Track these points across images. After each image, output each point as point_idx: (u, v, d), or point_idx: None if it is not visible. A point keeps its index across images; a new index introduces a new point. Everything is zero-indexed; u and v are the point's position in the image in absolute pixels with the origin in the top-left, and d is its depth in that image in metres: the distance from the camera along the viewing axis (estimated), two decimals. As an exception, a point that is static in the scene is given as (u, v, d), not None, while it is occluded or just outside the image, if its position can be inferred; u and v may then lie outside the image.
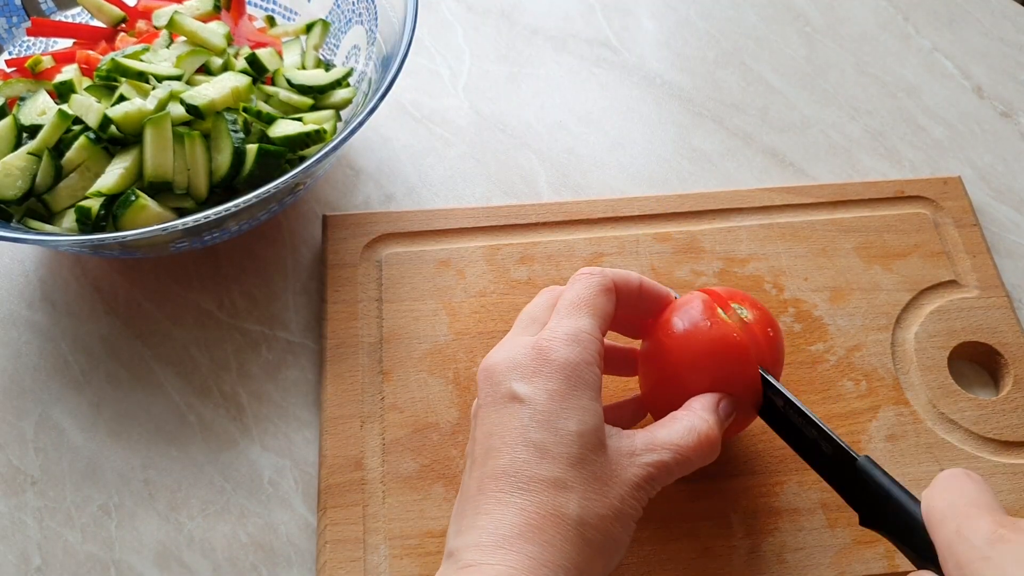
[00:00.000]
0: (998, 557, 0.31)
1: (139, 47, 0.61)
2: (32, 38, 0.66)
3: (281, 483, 0.52)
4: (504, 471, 0.38)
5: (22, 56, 0.65)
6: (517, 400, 0.39)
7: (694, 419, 0.41)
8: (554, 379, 0.39)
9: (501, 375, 0.40)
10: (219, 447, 0.54)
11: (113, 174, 0.54)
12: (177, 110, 0.56)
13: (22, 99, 0.59)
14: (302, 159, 0.57)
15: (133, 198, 0.53)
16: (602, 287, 0.43)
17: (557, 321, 0.42)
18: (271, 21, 0.69)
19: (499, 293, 0.58)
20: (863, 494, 0.40)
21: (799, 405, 0.43)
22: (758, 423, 0.47)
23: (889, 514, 0.38)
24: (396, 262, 0.59)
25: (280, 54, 0.64)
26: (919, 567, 0.37)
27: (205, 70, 0.60)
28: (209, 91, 0.56)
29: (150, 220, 0.53)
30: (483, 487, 0.38)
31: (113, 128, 0.55)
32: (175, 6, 0.64)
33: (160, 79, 0.58)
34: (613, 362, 0.49)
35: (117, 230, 0.53)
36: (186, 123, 0.56)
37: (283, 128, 0.57)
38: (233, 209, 0.50)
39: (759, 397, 0.44)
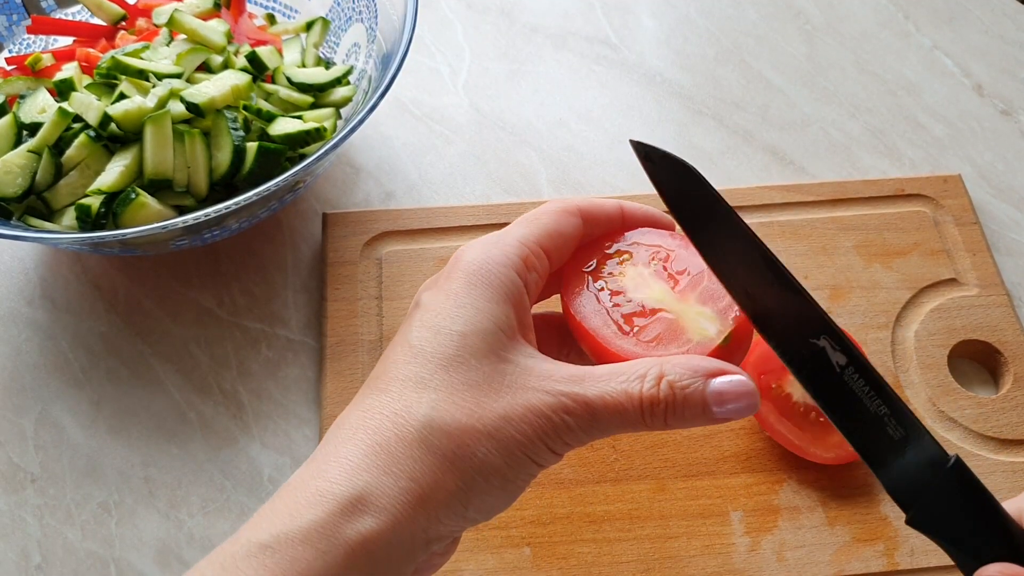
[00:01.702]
0: None
1: (139, 45, 0.61)
2: (32, 36, 0.66)
3: (281, 480, 0.52)
4: (373, 376, 0.34)
5: (22, 54, 0.65)
6: (417, 307, 0.35)
7: (636, 383, 0.33)
8: (455, 280, 0.34)
9: (420, 289, 0.36)
10: (219, 444, 0.54)
11: (113, 172, 0.54)
12: (177, 108, 0.56)
13: (22, 97, 0.59)
14: (302, 157, 0.57)
15: (133, 196, 0.53)
16: (560, 208, 0.37)
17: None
18: (271, 19, 0.68)
19: (499, 291, 0.58)
20: (941, 496, 0.33)
21: (873, 372, 0.34)
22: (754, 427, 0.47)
23: (970, 520, 0.33)
24: (396, 260, 0.59)
25: (280, 52, 0.64)
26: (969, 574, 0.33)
27: (205, 68, 0.60)
28: (209, 89, 0.56)
29: (150, 218, 0.53)
30: (356, 401, 0.34)
31: (113, 126, 0.55)
32: (175, 4, 0.64)
33: (160, 77, 0.58)
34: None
35: (117, 228, 0.53)
36: (186, 121, 0.56)
37: (283, 126, 0.57)
38: (233, 207, 0.50)
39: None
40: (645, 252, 0.39)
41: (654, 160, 0.36)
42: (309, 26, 0.67)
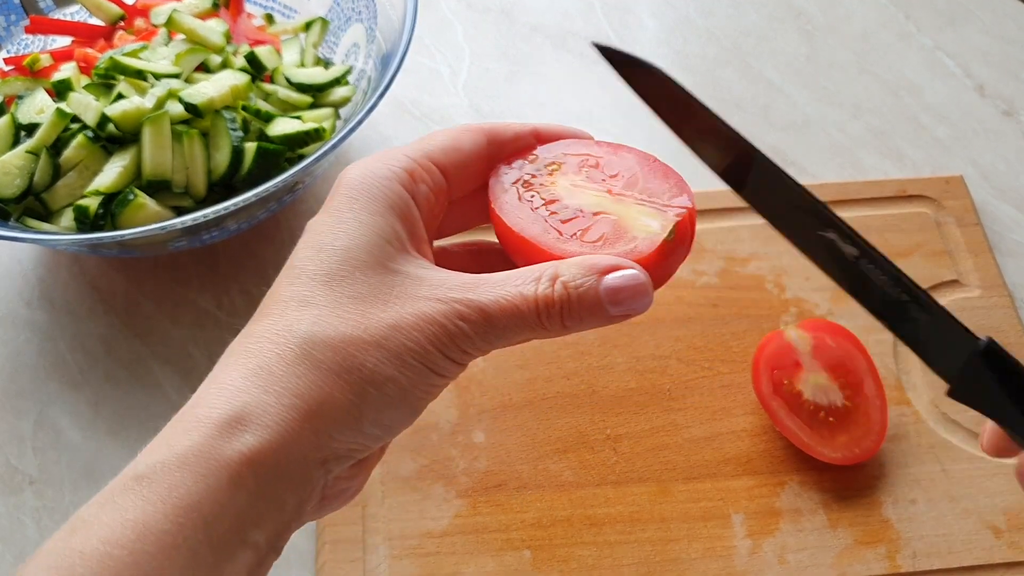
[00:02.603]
0: None
1: (137, 45, 0.61)
2: (30, 36, 0.66)
3: (280, 483, 0.52)
4: (260, 306, 0.33)
5: (20, 54, 0.65)
6: (305, 231, 0.34)
7: (531, 285, 0.31)
8: (337, 197, 0.34)
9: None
10: (218, 447, 0.53)
11: (111, 172, 0.54)
12: (176, 108, 0.55)
13: (20, 97, 0.59)
14: (301, 157, 0.57)
15: (131, 197, 0.53)
16: (460, 127, 0.36)
17: None
18: (270, 19, 0.68)
19: (499, 292, 0.58)
20: (976, 376, 0.35)
21: (887, 264, 0.35)
22: (755, 426, 0.47)
23: (1009, 401, 0.35)
24: (396, 261, 0.59)
25: (279, 52, 0.64)
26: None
27: (204, 68, 0.60)
28: (208, 89, 0.56)
29: (148, 219, 0.53)
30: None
31: (111, 126, 0.55)
32: (173, 4, 0.63)
33: (158, 77, 0.57)
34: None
35: (115, 229, 0.53)
36: (185, 121, 0.56)
37: (282, 126, 0.57)
38: (232, 208, 0.50)
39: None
40: (574, 160, 0.38)
41: (620, 63, 0.38)
42: (308, 26, 0.66)
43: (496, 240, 0.37)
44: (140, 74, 0.57)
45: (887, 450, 0.52)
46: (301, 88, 0.61)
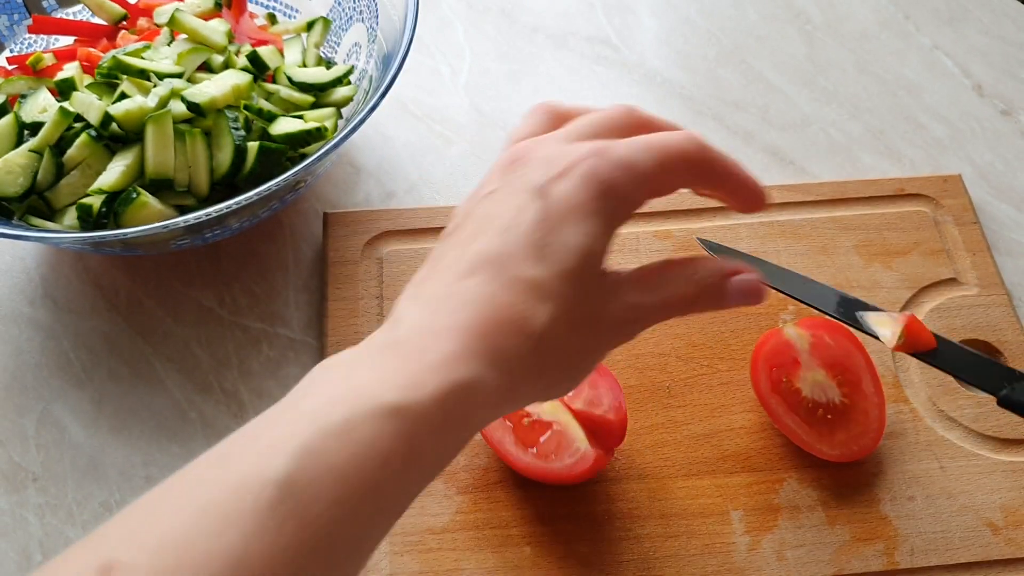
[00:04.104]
0: None
1: (140, 45, 0.61)
2: (33, 35, 0.66)
3: (282, 480, 0.52)
4: (488, 259, 0.34)
5: (23, 53, 0.65)
6: (535, 196, 0.35)
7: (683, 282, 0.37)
8: (581, 188, 0.35)
9: (531, 165, 0.36)
10: (220, 444, 0.54)
11: (114, 171, 0.54)
12: (178, 108, 0.56)
13: (23, 97, 0.59)
14: (303, 157, 0.57)
15: (134, 195, 0.53)
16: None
17: (613, 143, 0.37)
18: (272, 19, 0.69)
19: (499, 290, 0.58)
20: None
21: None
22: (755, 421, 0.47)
23: None
24: (397, 259, 0.59)
25: (281, 52, 0.64)
26: None
27: (206, 68, 0.60)
28: (210, 89, 0.56)
29: (151, 218, 0.54)
30: (457, 265, 0.35)
31: (114, 126, 0.55)
32: (176, 4, 0.64)
33: (161, 76, 0.58)
34: None
35: (118, 227, 0.53)
36: (187, 121, 0.56)
37: (284, 126, 0.57)
38: (234, 206, 0.50)
39: None
40: None
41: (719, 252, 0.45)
42: (310, 26, 0.67)
43: None
44: (143, 73, 0.58)
45: (885, 447, 0.52)
46: (303, 88, 0.61)
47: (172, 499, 0.28)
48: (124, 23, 0.65)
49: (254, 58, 0.61)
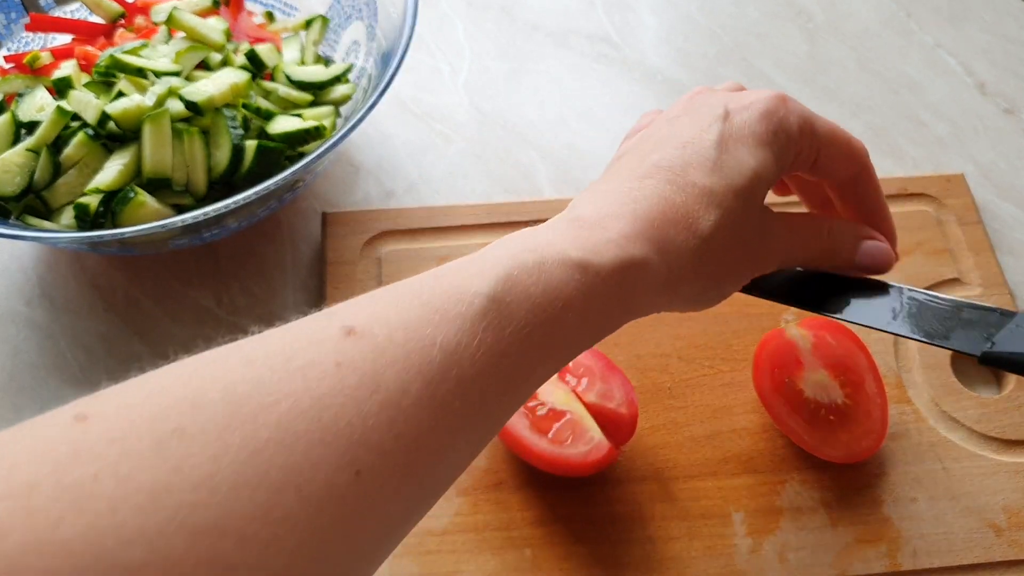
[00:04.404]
0: None
1: (138, 43, 0.61)
2: (30, 34, 0.66)
3: (280, 481, 0.52)
4: (666, 167, 0.37)
5: (20, 52, 0.65)
6: (719, 119, 0.38)
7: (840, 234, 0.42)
8: (760, 121, 0.38)
9: (717, 97, 0.40)
10: (218, 445, 0.53)
11: (111, 170, 0.54)
12: (176, 106, 0.55)
13: (20, 95, 0.59)
14: (301, 155, 0.57)
15: (132, 195, 0.53)
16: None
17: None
18: (270, 17, 0.68)
19: (499, 290, 0.57)
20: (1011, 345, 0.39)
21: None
22: (754, 421, 0.47)
23: None
24: (396, 259, 0.59)
25: (279, 50, 0.64)
26: None
27: (204, 66, 0.60)
28: (208, 87, 0.56)
29: (149, 217, 0.53)
30: (635, 170, 0.37)
31: (112, 124, 0.55)
32: (174, 2, 0.63)
33: (159, 75, 0.57)
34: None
35: (116, 227, 0.53)
36: (185, 119, 0.56)
37: (282, 124, 0.57)
38: (232, 206, 0.50)
39: None
40: None
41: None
42: (308, 24, 0.66)
43: None
44: (140, 72, 0.57)
45: (888, 448, 0.52)
46: (301, 86, 0.61)
47: (397, 295, 0.32)
48: (122, 21, 0.65)
49: (252, 56, 0.60)
